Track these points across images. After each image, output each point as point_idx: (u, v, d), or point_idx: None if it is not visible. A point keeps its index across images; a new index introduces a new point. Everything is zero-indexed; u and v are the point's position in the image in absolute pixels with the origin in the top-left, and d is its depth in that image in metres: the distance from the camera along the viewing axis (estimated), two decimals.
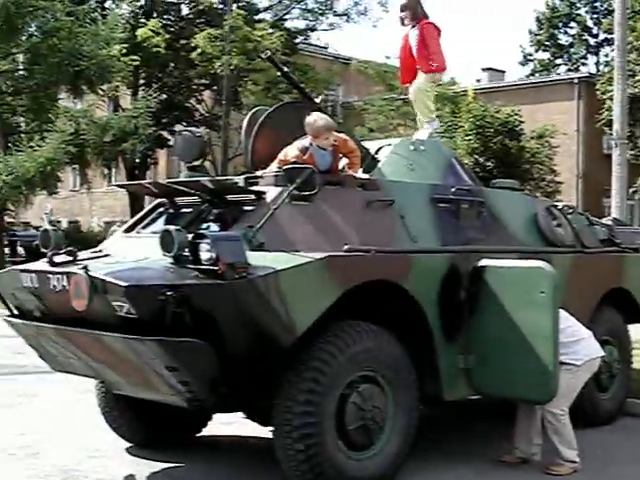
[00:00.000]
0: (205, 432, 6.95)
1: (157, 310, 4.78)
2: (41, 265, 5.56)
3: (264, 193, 5.68)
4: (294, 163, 5.74)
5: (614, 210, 13.47)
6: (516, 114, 31.04)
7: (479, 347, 6.13)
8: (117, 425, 6.67)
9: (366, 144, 7.08)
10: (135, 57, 23.16)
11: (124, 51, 21.42)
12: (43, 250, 5.87)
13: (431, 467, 6.14)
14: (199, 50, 25.74)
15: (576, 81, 42.45)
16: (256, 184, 5.98)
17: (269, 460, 5.96)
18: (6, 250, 22.96)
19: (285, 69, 6.52)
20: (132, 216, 27.99)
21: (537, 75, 51.10)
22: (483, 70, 48.50)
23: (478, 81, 43.92)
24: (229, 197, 5.89)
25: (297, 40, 30.89)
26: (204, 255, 4.90)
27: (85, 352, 5.43)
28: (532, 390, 5.90)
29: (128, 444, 6.74)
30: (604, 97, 32.26)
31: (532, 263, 6.03)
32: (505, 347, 5.99)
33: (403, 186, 6.30)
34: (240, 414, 7.26)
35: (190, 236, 5.00)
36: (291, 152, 6.13)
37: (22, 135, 21.19)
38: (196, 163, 6.29)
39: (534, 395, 5.94)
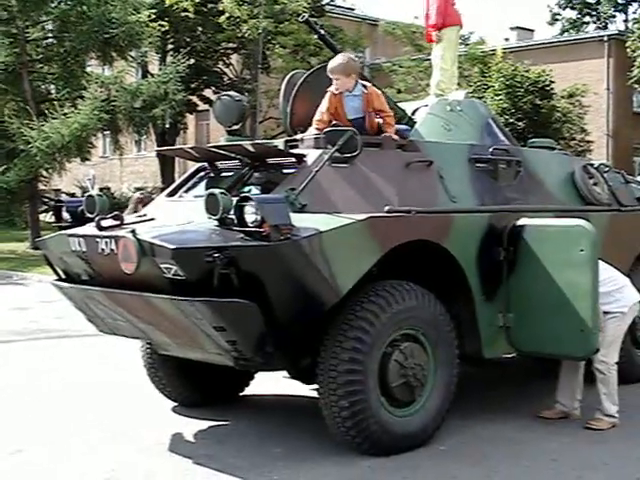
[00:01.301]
0: (248, 391, 7.10)
1: (204, 272, 4.89)
2: (89, 229, 5.67)
3: (304, 156, 5.75)
4: (334, 126, 5.79)
5: None
6: (547, 74, 30.73)
7: (518, 305, 6.20)
8: (162, 385, 6.83)
9: (402, 105, 7.12)
10: (163, 22, 23.15)
11: (153, 17, 21.42)
12: (88, 215, 5.99)
13: (471, 424, 6.25)
14: (227, 14, 25.66)
15: (606, 39, 41.89)
16: (296, 147, 6.06)
17: (310, 417, 6.14)
18: (49, 216, 23.29)
19: (322, 32, 6.55)
20: (162, 182, 28.13)
21: (566, 34, 50.46)
22: (511, 29, 48.00)
23: (506, 40, 43.47)
24: (269, 160, 5.97)
25: (324, 2, 30.66)
26: (249, 217, 4.98)
27: (133, 314, 5.56)
28: (572, 346, 5.97)
29: (173, 404, 6.90)
30: (635, 55, 31.82)
31: (571, 221, 6.07)
32: (544, 305, 6.05)
33: (442, 147, 6.34)
34: (282, 373, 7.45)
35: (235, 199, 5.09)
36: (321, 106, 6.21)
37: (54, 102, 21.31)
38: (235, 127, 6.36)
39: (574, 351, 6.01)
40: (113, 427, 6.37)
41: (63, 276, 6.20)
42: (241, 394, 7.11)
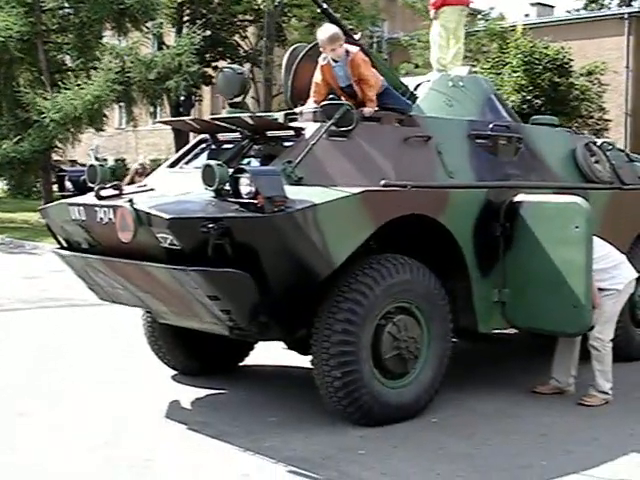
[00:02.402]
0: (247, 361, 7.20)
1: (199, 242, 4.97)
2: (88, 198, 5.76)
3: (303, 129, 5.80)
4: (332, 98, 5.84)
5: None
6: (566, 51, 30.47)
7: (514, 281, 6.26)
8: (162, 353, 6.94)
9: (405, 80, 7.13)
10: None
11: None
12: (90, 185, 6.07)
13: (464, 397, 6.32)
14: None
15: (626, 16, 41.45)
16: (295, 120, 6.11)
17: (307, 388, 6.21)
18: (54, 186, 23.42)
19: (324, 6, 6.57)
20: (176, 152, 28.22)
21: (587, 9, 49.97)
22: (531, 5, 47.61)
23: (526, 16, 43.14)
24: (269, 133, 6.02)
25: None
26: (244, 189, 5.05)
27: (131, 282, 5.65)
28: (565, 322, 6.02)
29: (172, 372, 7.01)
30: None
31: (567, 198, 6.11)
32: (539, 281, 6.11)
33: (441, 122, 6.37)
34: (281, 344, 7.54)
35: (231, 171, 5.16)
36: (315, 78, 6.26)
37: (68, 73, 21.36)
38: (237, 100, 6.41)
39: (567, 327, 6.07)
40: (113, 393, 6.49)
41: (65, 244, 6.29)
42: (240, 364, 7.22)
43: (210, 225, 4.89)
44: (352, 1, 28.07)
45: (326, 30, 6.15)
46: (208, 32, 26.41)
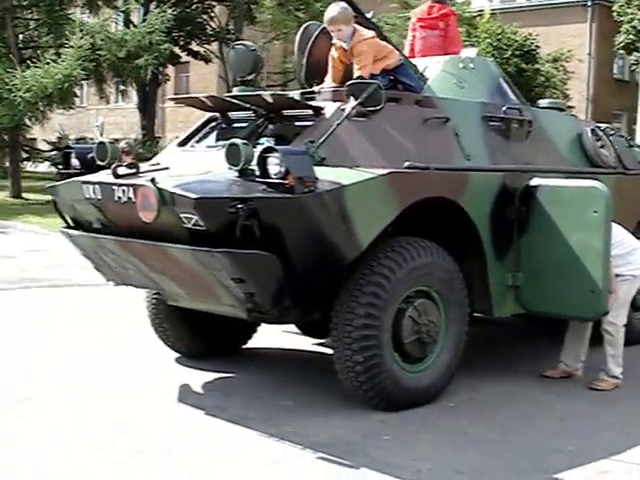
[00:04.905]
0: (249, 344, 7.09)
1: (225, 222, 4.84)
2: (104, 177, 5.58)
3: (322, 109, 5.68)
4: (358, 77, 5.72)
5: None
6: (533, 38, 30.66)
7: (528, 265, 6.22)
8: (166, 336, 6.79)
9: (414, 61, 7.03)
10: None
11: None
12: (99, 163, 5.90)
13: (476, 382, 6.27)
14: None
15: (589, 4, 41.82)
16: (312, 100, 5.99)
17: (316, 371, 6.17)
18: (30, 165, 23.02)
19: None
20: (144, 134, 27.75)
21: None
22: None
23: (490, 1, 43.26)
24: (285, 112, 5.89)
25: None
26: (273, 169, 4.92)
27: (147, 264, 5.51)
28: (581, 307, 6.00)
29: (176, 355, 6.88)
30: (621, 19, 31.76)
31: (586, 182, 6.08)
32: (555, 265, 6.08)
33: (457, 104, 6.30)
34: (282, 327, 7.46)
35: (258, 149, 5.03)
36: (331, 56, 6.16)
37: (37, 49, 20.93)
38: (249, 78, 6.26)
39: (583, 312, 6.04)
40: (119, 377, 6.34)
41: (72, 224, 6.11)
42: (243, 347, 7.11)
43: (239, 205, 4.76)
44: None
45: (329, 11, 6.04)
46: (177, 10, 25.96)
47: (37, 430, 5.17)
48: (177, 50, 29.92)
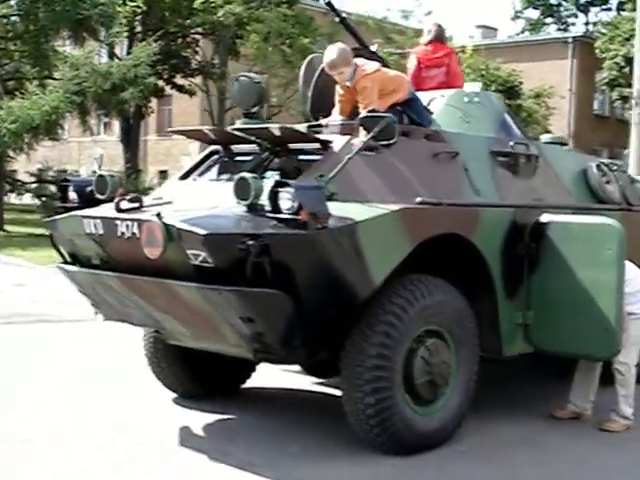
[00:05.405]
0: (248, 384, 6.88)
1: (234, 259, 4.66)
2: (105, 211, 5.39)
3: (331, 142, 5.54)
4: (371, 111, 5.58)
5: (632, 168, 13.46)
6: (517, 74, 30.87)
7: (539, 303, 6.06)
8: (163, 376, 6.57)
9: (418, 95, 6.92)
10: (140, 4, 22.64)
11: None
12: (98, 196, 5.72)
13: (485, 424, 6.08)
14: None
15: (570, 40, 42.28)
16: (319, 133, 5.85)
17: (318, 412, 6.01)
18: (14, 197, 22.70)
19: (344, 16, 6.34)
20: (128, 167, 27.55)
21: (527, 33, 50.81)
22: (476, 27, 48.26)
23: (471, 37, 43.63)
24: (291, 146, 5.74)
25: None
26: (285, 204, 4.75)
27: (149, 301, 5.30)
28: (594, 346, 5.85)
29: (173, 395, 6.65)
30: (603, 55, 32.05)
31: (599, 219, 5.96)
32: (567, 303, 5.92)
33: (465, 138, 6.17)
34: (280, 366, 7.24)
35: (269, 184, 4.86)
36: (337, 89, 6.03)
37: (22, 81, 20.75)
38: (253, 110, 6.12)
39: (596, 351, 5.89)
40: (118, 417, 6.10)
41: (69, 259, 5.90)
42: (242, 386, 6.89)
43: (249, 242, 4.58)
44: (311, 18, 27.92)
45: (327, 55, 5.89)
46: (162, 44, 25.94)
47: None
48: (161, 83, 29.85)
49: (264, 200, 4.88)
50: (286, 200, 4.74)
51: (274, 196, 4.77)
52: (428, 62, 7.11)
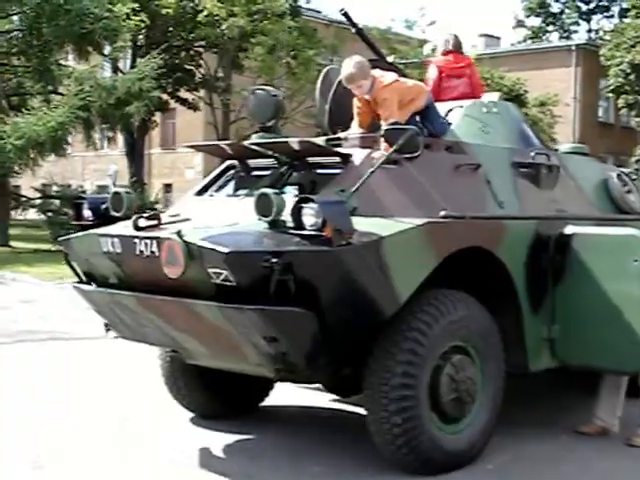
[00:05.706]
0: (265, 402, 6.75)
1: (257, 278, 4.54)
2: (123, 229, 5.27)
3: (351, 156, 5.42)
4: (394, 123, 5.46)
5: None
6: (521, 83, 30.81)
7: (564, 316, 5.93)
8: (181, 395, 6.45)
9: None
10: (144, 18, 22.59)
11: (132, 10, 20.89)
12: (114, 214, 5.61)
13: (510, 441, 5.93)
14: (206, 12, 25.24)
15: (573, 48, 42.24)
16: (338, 146, 5.74)
17: (339, 431, 5.95)
18: (19, 212, 22.59)
19: (359, 27, 6.24)
20: (134, 181, 27.49)
21: (529, 42, 50.79)
22: (479, 36, 48.25)
23: (474, 47, 43.58)
24: (310, 160, 5.63)
25: (300, 2, 30.31)
26: (308, 220, 4.63)
27: (167, 321, 5.18)
28: (621, 360, 5.72)
29: (190, 415, 6.52)
30: (608, 63, 31.97)
31: (624, 230, 5.84)
32: (593, 316, 5.79)
33: (486, 150, 6.06)
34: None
35: (292, 200, 4.75)
36: (355, 102, 5.90)
37: (26, 96, 20.68)
38: (270, 124, 6.01)
39: (623, 365, 5.76)
40: (134, 438, 5.98)
41: (84, 278, 5.78)
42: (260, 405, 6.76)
43: (273, 260, 4.47)
44: (314, 30, 27.89)
45: (344, 69, 5.76)
46: (166, 57, 25.88)
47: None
48: (165, 97, 29.79)
49: (286, 216, 4.76)
50: (310, 216, 4.62)
51: (297, 212, 4.66)
52: (450, 72, 7.00)
